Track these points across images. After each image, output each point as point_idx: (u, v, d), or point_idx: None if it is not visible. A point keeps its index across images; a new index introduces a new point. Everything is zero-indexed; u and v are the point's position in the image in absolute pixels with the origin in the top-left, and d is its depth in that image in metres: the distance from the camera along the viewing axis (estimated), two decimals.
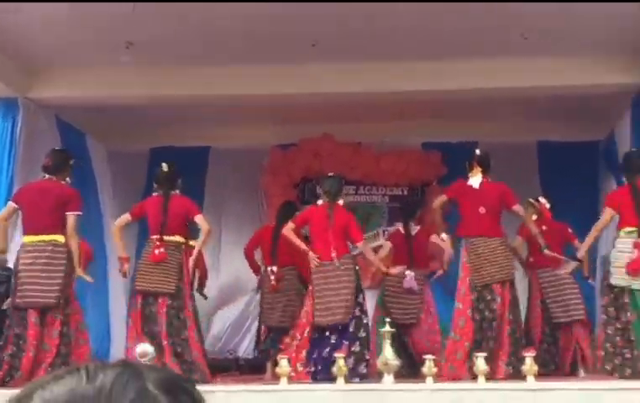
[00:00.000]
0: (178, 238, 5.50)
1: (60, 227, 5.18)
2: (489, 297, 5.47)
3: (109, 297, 8.27)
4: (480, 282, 5.49)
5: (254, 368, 7.34)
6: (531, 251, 6.72)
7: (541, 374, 4.69)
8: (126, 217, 5.70)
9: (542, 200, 6.91)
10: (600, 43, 6.76)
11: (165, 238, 5.41)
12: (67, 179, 5.42)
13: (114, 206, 8.70)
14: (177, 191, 5.69)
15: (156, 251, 5.34)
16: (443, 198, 5.88)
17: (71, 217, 5.20)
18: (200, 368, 5.22)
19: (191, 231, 5.86)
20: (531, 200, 6.90)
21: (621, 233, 5.39)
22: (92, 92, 7.41)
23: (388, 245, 6.68)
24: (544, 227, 6.58)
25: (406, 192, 8.96)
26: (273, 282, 6.34)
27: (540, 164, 8.87)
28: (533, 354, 4.37)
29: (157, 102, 7.79)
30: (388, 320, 4.63)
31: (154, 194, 5.67)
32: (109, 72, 7.20)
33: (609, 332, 5.22)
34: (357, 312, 5.30)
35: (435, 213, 6.04)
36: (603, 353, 5.20)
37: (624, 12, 6.18)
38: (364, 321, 5.34)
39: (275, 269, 6.32)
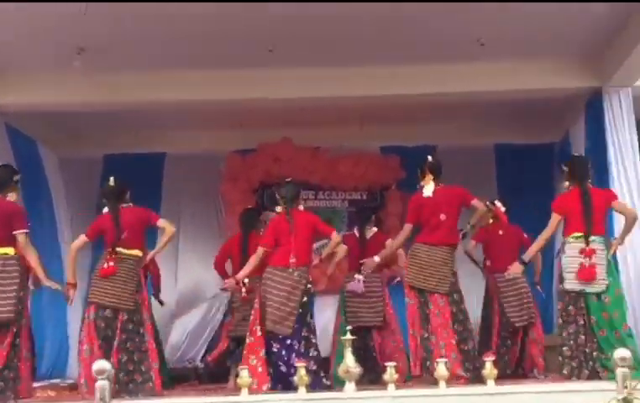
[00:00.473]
0: (135, 252, 5.40)
1: (9, 241, 5.07)
2: (423, 300, 5.52)
3: (67, 307, 8.06)
4: (418, 285, 5.51)
5: (214, 378, 7.24)
6: (488, 254, 6.79)
7: (499, 378, 4.72)
8: (82, 238, 5.54)
9: (498, 203, 6.97)
10: (555, 47, 6.86)
11: (121, 251, 5.30)
12: (13, 194, 5.28)
13: (68, 215, 8.52)
14: (130, 204, 5.56)
15: (105, 265, 5.25)
16: (408, 229, 5.79)
17: (20, 236, 5.11)
18: (152, 380, 5.14)
19: (148, 242, 5.76)
20: (487, 203, 6.96)
21: (570, 239, 5.41)
22: (43, 98, 7.23)
23: (344, 248, 6.67)
24: (500, 232, 6.65)
25: (365, 196, 8.96)
26: (244, 294, 6.26)
27: (497, 166, 8.97)
28: (493, 358, 4.38)
29: (110, 108, 7.63)
30: (349, 327, 4.59)
31: (105, 210, 5.53)
32: (60, 78, 7.03)
33: (564, 335, 5.27)
34: (304, 332, 5.23)
35: (399, 244, 5.99)
36: (560, 358, 5.24)
37: (578, 16, 6.28)
38: (313, 341, 5.27)
39: (246, 281, 6.26)
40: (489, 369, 4.34)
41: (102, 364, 3.55)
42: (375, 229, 6.83)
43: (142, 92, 7.24)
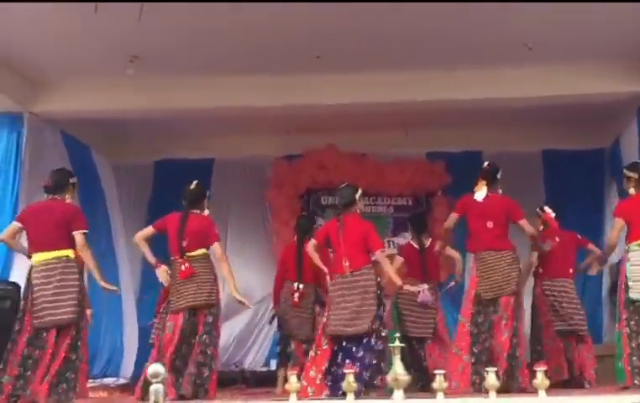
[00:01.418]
0: (200, 251, 5.37)
1: (69, 243, 5.17)
2: (491, 309, 5.46)
3: (122, 308, 8.28)
4: (486, 295, 5.47)
5: (260, 381, 7.33)
6: (541, 262, 6.70)
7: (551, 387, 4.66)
8: (149, 228, 5.57)
9: (548, 209, 6.86)
10: (604, 51, 6.77)
11: (188, 254, 5.31)
12: (69, 196, 5.39)
13: (121, 220, 8.73)
14: (205, 211, 5.56)
15: (183, 267, 5.26)
16: (454, 217, 5.80)
17: (78, 236, 5.19)
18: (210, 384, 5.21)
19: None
20: (537, 210, 6.87)
21: (634, 246, 5.31)
22: (97, 106, 7.43)
23: (400, 259, 6.64)
24: (557, 238, 6.51)
25: (410, 203, 8.96)
26: (296, 299, 6.31)
27: (545, 172, 8.86)
28: (544, 368, 4.33)
29: (161, 115, 7.81)
30: (397, 335, 4.59)
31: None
32: (114, 85, 7.22)
33: (634, 345, 5.15)
34: (376, 325, 5.23)
35: (447, 232, 5.99)
36: (630, 368, 5.12)
37: (628, 19, 6.19)
38: (383, 334, 5.27)
39: (300, 286, 6.30)
40: (540, 380, 4.29)
41: (156, 368, 3.60)
42: (429, 238, 6.76)
43: (192, 99, 7.40)
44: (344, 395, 4.34)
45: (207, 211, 5.55)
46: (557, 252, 6.39)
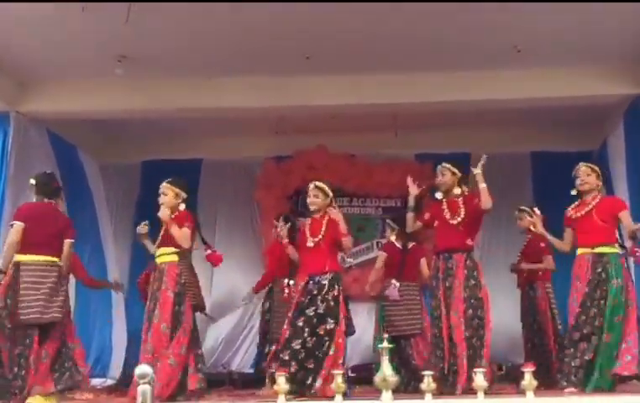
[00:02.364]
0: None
1: (60, 250, 5.34)
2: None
3: (112, 308, 8.24)
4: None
5: (248, 383, 7.30)
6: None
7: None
8: None
9: (538, 211, 6.87)
10: (593, 54, 6.80)
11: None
12: (59, 201, 5.55)
13: (109, 218, 8.68)
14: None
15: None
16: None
17: (69, 244, 5.38)
18: None
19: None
20: (524, 208, 6.88)
21: None
22: (84, 106, 7.40)
23: (383, 255, 6.65)
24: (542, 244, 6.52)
25: (399, 204, 8.93)
26: (286, 295, 6.29)
27: (533, 174, 8.89)
28: (532, 369, 4.33)
29: (149, 115, 7.78)
30: (385, 336, 4.58)
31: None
32: (101, 85, 7.20)
33: None
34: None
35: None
36: None
37: (618, 22, 6.22)
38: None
39: (292, 282, 6.29)
40: (528, 381, 4.29)
41: (144, 369, 3.59)
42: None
43: (180, 99, 7.37)
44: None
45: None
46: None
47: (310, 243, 5.41)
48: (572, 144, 8.52)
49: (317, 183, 5.55)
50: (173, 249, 5.34)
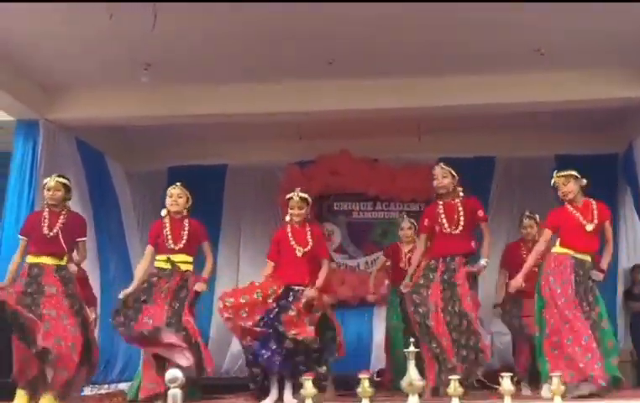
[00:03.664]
0: None
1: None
2: None
3: None
4: None
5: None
6: None
7: None
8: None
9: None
10: (618, 55, 6.75)
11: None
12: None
13: (135, 224, 8.79)
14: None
15: None
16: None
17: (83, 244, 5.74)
18: None
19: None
20: (528, 213, 6.84)
21: None
22: (111, 113, 7.50)
23: (382, 259, 6.82)
24: None
25: (422, 208, 8.92)
26: None
27: None
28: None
29: (175, 122, 7.86)
30: (412, 339, 4.60)
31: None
32: (128, 93, 7.29)
33: None
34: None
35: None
36: None
37: None
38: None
39: None
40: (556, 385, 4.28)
41: (174, 373, 3.65)
42: None
43: (205, 106, 7.44)
44: None
45: None
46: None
47: (299, 253, 5.52)
48: (597, 147, 8.49)
49: (302, 194, 5.68)
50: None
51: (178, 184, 5.89)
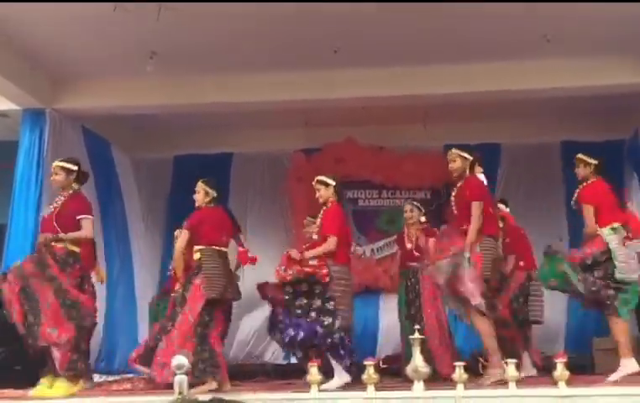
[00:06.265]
0: None
1: None
2: None
3: (136, 299, 8.38)
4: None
5: (281, 374, 7.37)
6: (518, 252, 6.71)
7: None
8: None
9: (501, 205, 6.80)
10: (624, 42, 6.72)
11: None
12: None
13: (140, 213, 8.83)
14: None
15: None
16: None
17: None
18: None
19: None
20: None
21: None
22: (117, 102, 7.52)
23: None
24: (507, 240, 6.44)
25: (428, 196, 8.95)
26: None
27: (564, 164, 8.82)
28: (564, 360, 4.34)
29: (180, 110, 7.88)
30: (417, 327, 4.63)
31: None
32: (134, 82, 7.31)
33: None
34: None
35: None
36: None
37: None
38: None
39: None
40: (560, 371, 4.30)
41: (180, 360, 3.68)
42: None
43: (210, 94, 7.46)
44: None
45: None
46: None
47: (315, 236, 5.73)
48: (603, 134, 8.45)
49: (318, 177, 5.80)
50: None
51: (200, 180, 5.87)
